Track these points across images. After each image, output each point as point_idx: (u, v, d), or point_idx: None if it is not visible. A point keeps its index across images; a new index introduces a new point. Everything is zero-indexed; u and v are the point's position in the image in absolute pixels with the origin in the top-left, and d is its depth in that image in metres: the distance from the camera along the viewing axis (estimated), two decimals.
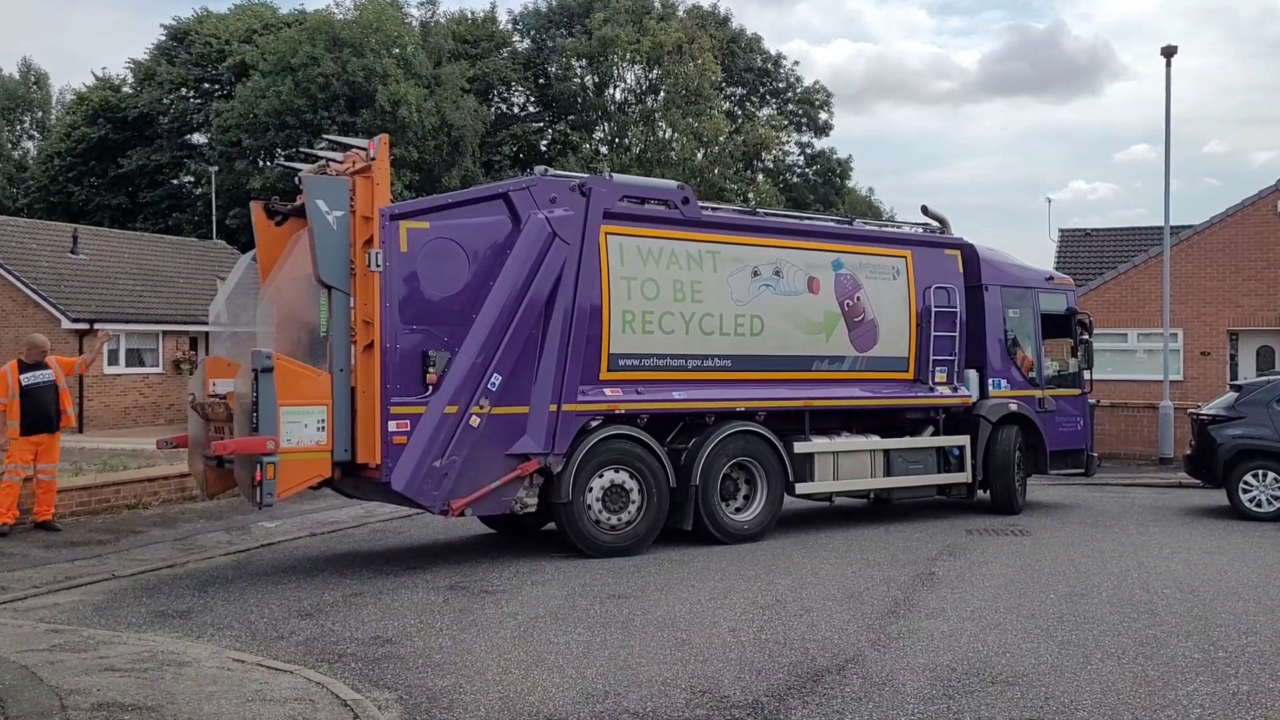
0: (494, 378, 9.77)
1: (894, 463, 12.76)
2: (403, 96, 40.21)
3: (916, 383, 13.09)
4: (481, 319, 9.79)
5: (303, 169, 10.82)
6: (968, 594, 8.91)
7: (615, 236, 10.72)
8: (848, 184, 57.32)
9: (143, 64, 49.44)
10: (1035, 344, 14.53)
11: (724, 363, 11.51)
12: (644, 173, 46.93)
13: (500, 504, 10.08)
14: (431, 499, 9.59)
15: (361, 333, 9.38)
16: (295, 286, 10.23)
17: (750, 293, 11.65)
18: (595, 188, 10.60)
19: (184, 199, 48.33)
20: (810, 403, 12.19)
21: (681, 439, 11.30)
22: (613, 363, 10.68)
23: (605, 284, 10.59)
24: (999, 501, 13.76)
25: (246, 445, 8.87)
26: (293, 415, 8.98)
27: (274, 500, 8.97)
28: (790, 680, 6.54)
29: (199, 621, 8.03)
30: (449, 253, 9.78)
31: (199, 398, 10.24)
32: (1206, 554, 10.91)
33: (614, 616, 8.10)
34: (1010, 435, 13.76)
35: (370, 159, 9.58)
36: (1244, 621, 8.01)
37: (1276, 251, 23.26)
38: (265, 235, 10.54)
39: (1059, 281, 15.43)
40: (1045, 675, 6.63)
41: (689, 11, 52.32)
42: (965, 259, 13.81)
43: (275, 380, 8.87)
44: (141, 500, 13.37)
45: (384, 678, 6.60)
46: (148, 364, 29.48)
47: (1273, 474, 13.40)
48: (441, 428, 9.52)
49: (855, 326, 12.52)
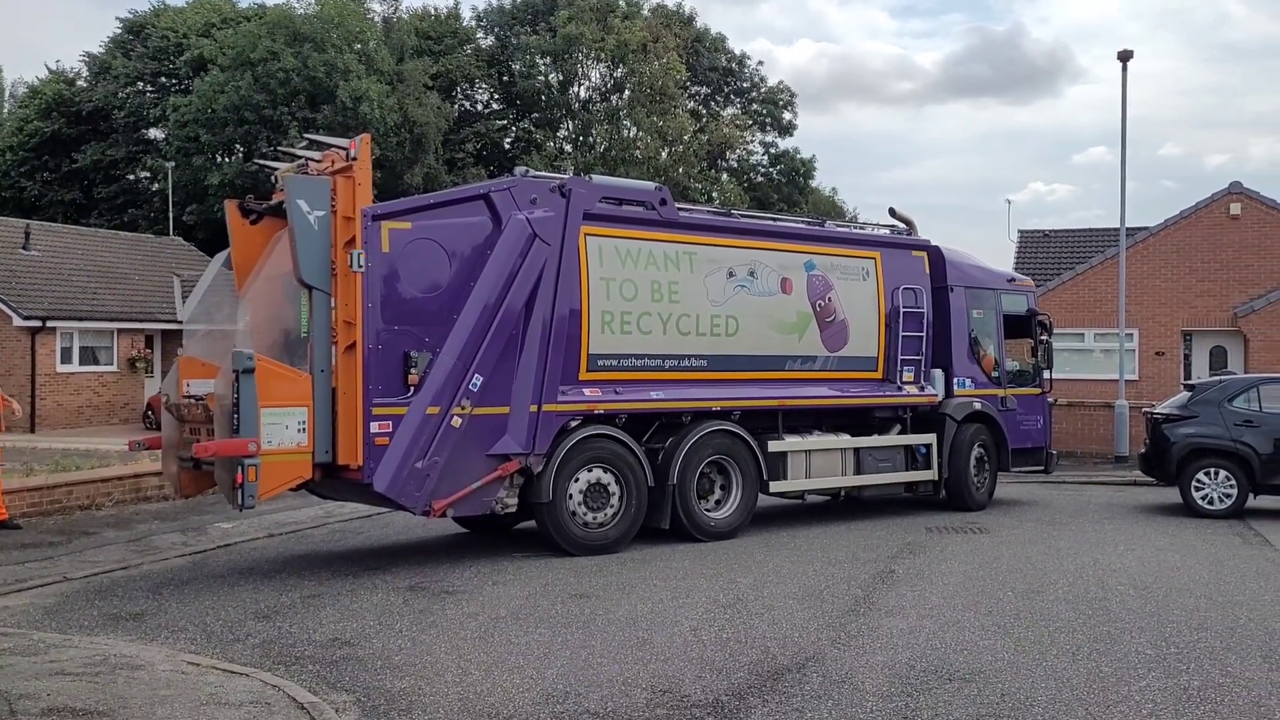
0: (475, 378, 9.79)
1: (864, 461, 12.96)
2: (364, 93, 39.88)
3: (885, 382, 13.31)
4: (463, 319, 9.80)
5: (279, 167, 10.74)
6: (927, 592, 8.98)
7: (594, 237, 10.79)
8: (811, 184, 57.61)
9: (98, 57, 48.66)
10: (998, 344, 14.86)
11: (700, 363, 11.62)
12: (609, 172, 46.90)
13: (481, 504, 10.08)
14: (414, 500, 9.57)
15: (343, 333, 9.34)
16: (272, 286, 10.16)
17: (726, 293, 11.79)
18: (575, 189, 10.67)
19: (140, 195, 47.63)
20: (784, 402, 12.35)
21: (658, 438, 11.38)
22: (592, 363, 10.76)
23: (585, 285, 10.65)
24: (957, 498, 13.93)
25: (228, 447, 8.79)
26: (274, 417, 8.92)
27: (255, 503, 8.87)
28: (750, 679, 6.56)
29: (153, 624, 7.91)
30: (431, 253, 9.77)
31: (173, 398, 10.17)
32: (1160, 551, 11.08)
33: (575, 616, 8.08)
34: (973, 433, 13.98)
35: (352, 159, 9.53)
36: (1195, 617, 8.14)
37: (1229, 254, 23.69)
38: (240, 234, 10.44)
39: (1020, 283, 15.79)
40: (1002, 672, 6.69)
41: (654, 10, 52.35)
42: (931, 260, 14.06)
43: (256, 382, 8.80)
44: (95, 501, 13.16)
45: (342, 680, 6.53)
46: (102, 362, 29.03)
47: (1224, 472, 13.64)
48: (424, 428, 9.52)
49: (827, 327, 12.72)
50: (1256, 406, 13.82)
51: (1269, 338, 22.51)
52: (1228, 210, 23.79)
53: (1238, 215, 23.70)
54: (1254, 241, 23.60)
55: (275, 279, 10.13)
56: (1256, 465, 13.46)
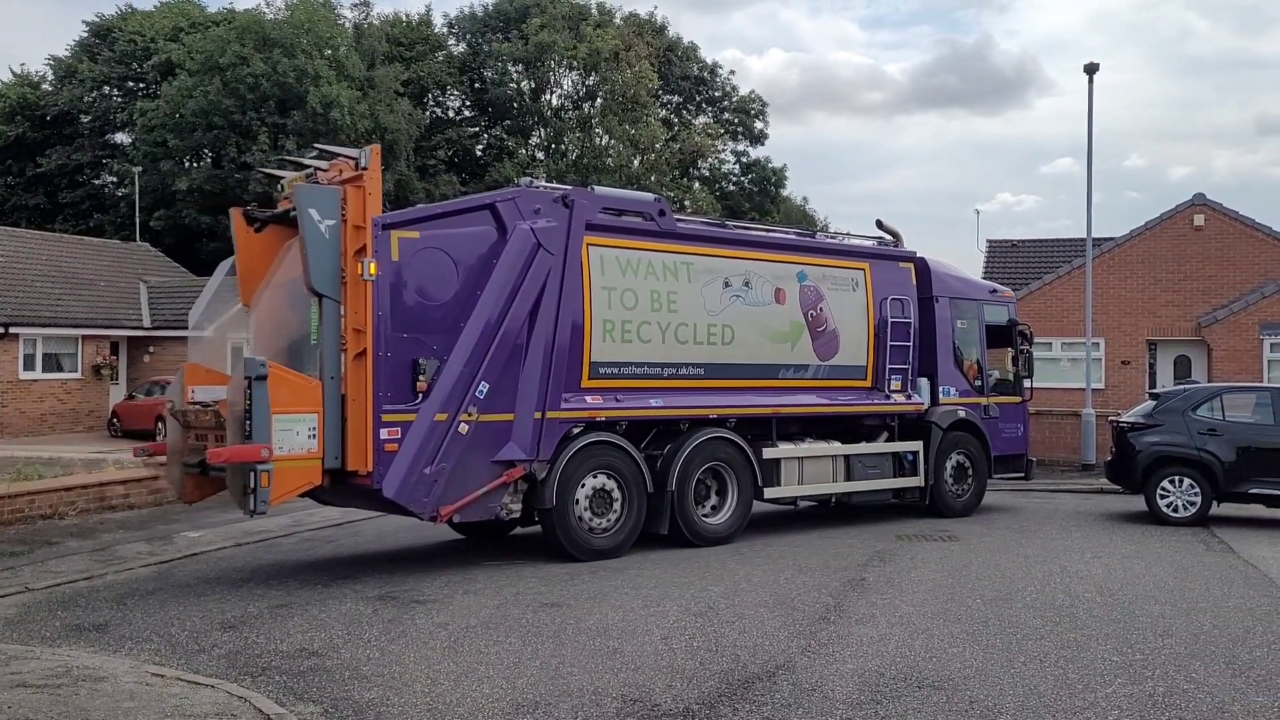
0: (482, 385, 9.93)
1: (854, 467, 13.19)
2: (335, 98, 39.67)
3: (874, 390, 13.57)
4: (470, 327, 9.93)
5: (285, 176, 10.80)
6: (897, 600, 9.03)
7: (596, 247, 10.96)
8: (783, 193, 57.90)
9: (63, 60, 48.12)
10: (981, 353, 15.22)
11: (697, 371, 11.82)
12: (580, 179, 46.92)
13: (487, 510, 10.20)
14: (422, 505, 9.67)
15: (352, 341, 9.43)
16: (277, 293, 10.34)
17: (722, 303, 12.00)
18: (578, 199, 10.84)
19: (106, 200, 47.11)
20: (778, 410, 12.55)
21: (656, 445, 11.55)
22: (594, 371, 10.92)
23: (587, 294, 10.82)
24: (941, 505, 14.22)
25: (241, 453, 8.85)
26: (285, 423, 9.01)
27: (267, 508, 8.96)
28: (721, 687, 6.56)
29: (117, 635, 7.80)
30: (438, 262, 9.90)
31: (178, 405, 10.23)
32: (1126, 558, 11.20)
33: (546, 626, 8.05)
34: (954, 441, 14.31)
35: (362, 168, 9.62)
36: (1160, 624, 8.23)
37: (1193, 264, 24.04)
38: (244, 241, 10.55)
39: (1002, 294, 16.21)
40: (970, 679, 6.74)
41: (626, 19, 52.48)
42: (918, 271, 14.37)
43: (269, 388, 8.88)
44: (58, 510, 12.98)
45: (309, 691, 6.47)
46: (66, 369, 28.66)
47: (1188, 480, 13.80)
48: (432, 435, 9.63)
49: (818, 336, 12.97)
50: (1220, 415, 14.00)
51: (1231, 347, 22.85)
52: (1191, 222, 24.15)
53: (1201, 227, 24.06)
54: (1217, 253, 23.97)
55: (281, 286, 10.30)
56: (1220, 473, 13.63)
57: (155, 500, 14.43)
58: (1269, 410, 13.83)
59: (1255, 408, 14.15)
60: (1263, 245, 23.90)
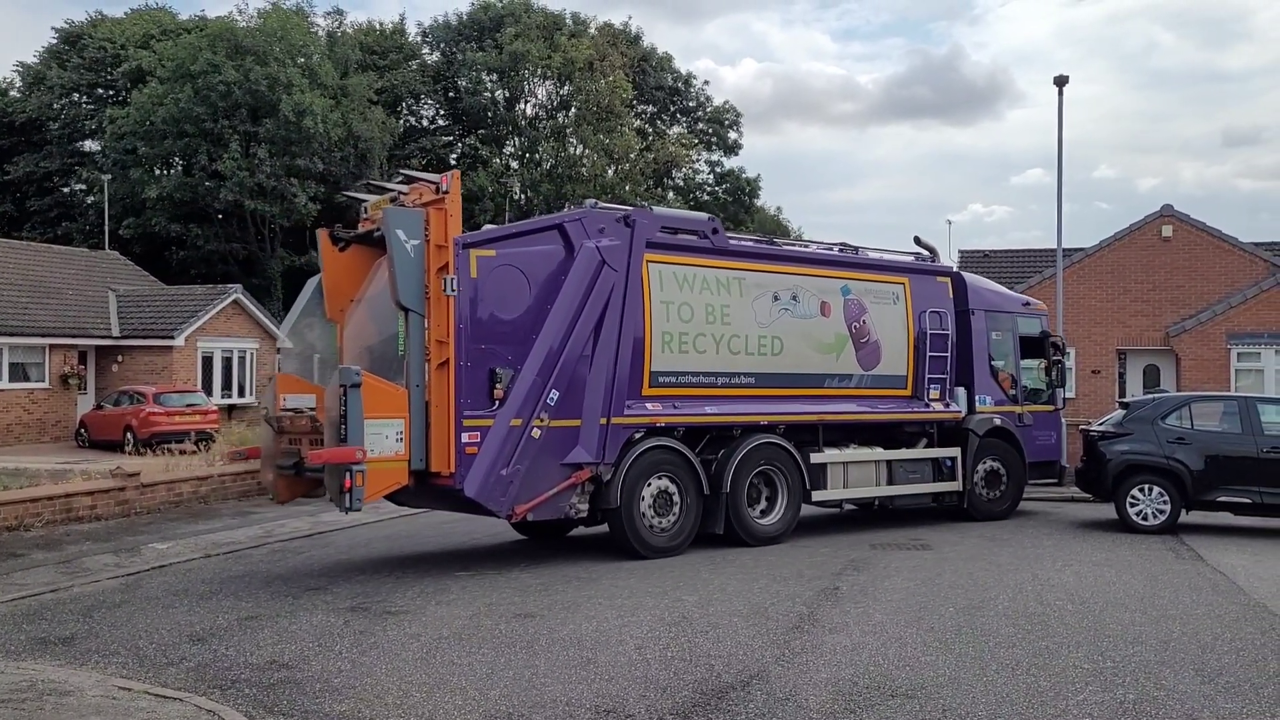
0: (552, 393, 10.67)
1: (896, 472, 13.79)
2: (308, 106, 39.47)
3: (914, 399, 14.18)
4: (541, 339, 10.66)
5: (369, 200, 11.65)
6: (870, 608, 9.04)
7: (655, 264, 11.66)
8: (756, 203, 58.13)
9: (32, 67, 47.67)
10: (1015, 363, 15.82)
11: (749, 380, 12.48)
12: (555, 188, 46.92)
13: (557, 509, 10.90)
14: (499, 504, 10.40)
15: (435, 352, 10.17)
16: (361, 308, 11.36)
17: (771, 316, 12.67)
18: (639, 219, 11.53)
19: (74, 207, 46.64)
20: (824, 417, 13.18)
21: (710, 450, 12.16)
22: (653, 380, 11.62)
23: (647, 308, 11.52)
24: (981, 509, 14.76)
25: (339, 455, 9.56)
26: (376, 428, 9.75)
27: (362, 505, 9.67)
28: (695, 697, 6.54)
29: (83, 648, 7.69)
30: (512, 278, 10.64)
31: (272, 412, 11.08)
32: (1097, 566, 11.28)
33: (519, 636, 8.01)
34: (988, 447, 14.86)
35: (443, 192, 10.36)
36: (1131, 631, 8.29)
37: (1161, 274, 24.33)
38: (329, 260, 11.56)
39: (1035, 307, 16.76)
40: (943, 687, 6.75)
41: (600, 29, 52.57)
42: (955, 285, 15.01)
43: (362, 395, 9.61)
44: (23, 522, 12.80)
45: (279, 704, 6.39)
46: (33, 378, 28.27)
47: (1158, 488, 13.91)
48: (508, 439, 10.36)
49: (862, 347, 13.62)
50: (1188, 424, 14.14)
51: (1199, 357, 23.12)
52: (1160, 233, 24.45)
53: (1169, 237, 24.36)
54: (1184, 263, 24.27)
55: (368, 301, 11.29)
56: (1189, 481, 13.75)
57: (122, 511, 14.27)
58: (1236, 419, 13.98)
59: (1223, 416, 14.30)
60: (1230, 256, 24.23)
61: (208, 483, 15.96)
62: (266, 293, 41.13)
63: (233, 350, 31.57)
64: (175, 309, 30.69)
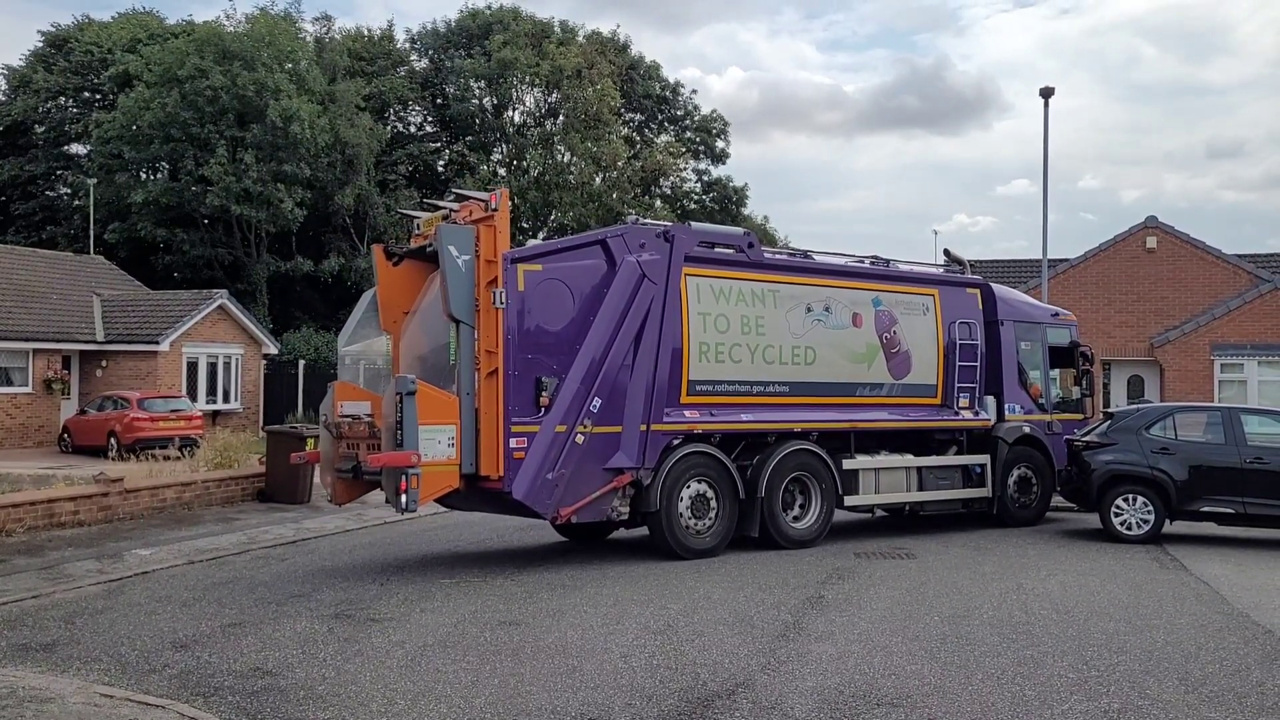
0: (595, 401, 11.14)
1: (925, 479, 14.14)
2: (295, 112, 39.35)
3: (944, 407, 14.56)
4: (585, 349, 11.14)
5: (421, 217, 12.29)
6: (855, 617, 9.05)
7: (693, 277, 12.11)
8: (744, 211, 58.20)
9: (17, 70, 47.39)
10: (1044, 373, 16.11)
11: (783, 388, 12.88)
12: (542, 195, 46.92)
13: (599, 511, 11.38)
14: (545, 507, 10.89)
15: (485, 361, 10.65)
16: (414, 320, 11.85)
17: (804, 326, 13.08)
18: (677, 235, 12.01)
19: (59, 211, 46.34)
20: (856, 424, 13.55)
21: (745, 456, 12.55)
22: (691, 388, 12.04)
23: (685, 319, 11.96)
24: (1010, 515, 15.07)
25: (396, 459, 10.07)
26: (429, 433, 10.22)
27: (417, 507, 10.18)
28: (680, 705, 6.53)
29: (64, 655, 7.63)
30: (558, 291, 11.12)
31: (330, 418, 11.66)
32: (1081, 575, 11.32)
33: (504, 644, 7.98)
34: (1017, 455, 15.13)
35: (492, 209, 10.82)
36: (1115, 640, 8.32)
37: (1145, 285, 24.50)
38: (384, 274, 12.16)
39: (1063, 318, 17.03)
40: (928, 696, 6.76)
41: (589, 37, 52.60)
42: (984, 297, 15.35)
43: (417, 402, 10.05)
44: (5, 527, 12.70)
45: (262, 711, 6.36)
46: (16, 383, 28.08)
47: (1142, 498, 13.98)
48: (554, 444, 10.85)
49: (892, 357, 13.98)
50: (1172, 434, 14.21)
51: (1183, 367, 23.28)
52: (1144, 244, 24.63)
53: (1153, 248, 24.54)
54: (1168, 274, 24.46)
55: (418, 313, 11.79)
56: (1172, 491, 13.82)
57: (105, 517, 14.17)
58: (1220, 429, 14.06)
59: (1207, 427, 14.37)
60: (1213, 267, 24.42)
61: (191, 489, 15.87)
62: (252, 298, 40.95)
63: (218, 356, 31.43)
64: (160, 314, 30.54)
